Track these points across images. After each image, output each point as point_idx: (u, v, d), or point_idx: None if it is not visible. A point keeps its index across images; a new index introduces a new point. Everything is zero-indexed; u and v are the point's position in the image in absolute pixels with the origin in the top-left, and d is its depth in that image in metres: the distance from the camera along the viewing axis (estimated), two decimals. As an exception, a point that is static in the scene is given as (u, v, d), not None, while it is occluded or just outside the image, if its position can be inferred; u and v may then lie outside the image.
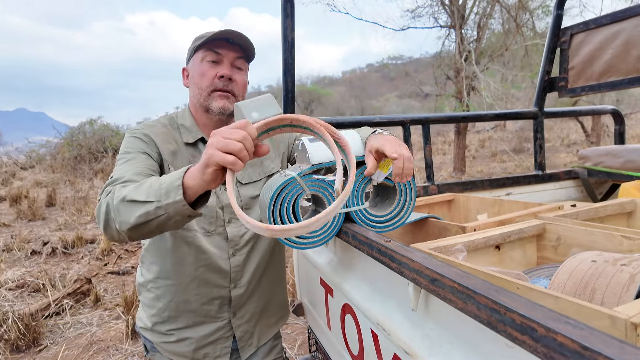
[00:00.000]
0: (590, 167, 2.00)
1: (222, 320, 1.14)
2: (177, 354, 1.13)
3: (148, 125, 1.10)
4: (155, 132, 1.07)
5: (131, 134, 1.07)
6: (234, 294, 1.13)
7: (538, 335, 0.44)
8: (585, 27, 1.78)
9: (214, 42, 1.06)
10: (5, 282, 3.73)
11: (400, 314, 0.80)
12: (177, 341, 1.13)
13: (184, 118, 1.14)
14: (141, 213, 0.76)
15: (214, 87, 1.07)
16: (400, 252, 0.72)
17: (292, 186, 0.93)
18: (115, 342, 2.78)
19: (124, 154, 1.01)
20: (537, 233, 1.16)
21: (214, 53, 1.07)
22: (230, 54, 1.08)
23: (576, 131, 17.72)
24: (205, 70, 1.07)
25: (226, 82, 1.07)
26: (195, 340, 1.13)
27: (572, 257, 0.87)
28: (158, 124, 1.10)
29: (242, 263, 1.13)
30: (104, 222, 0.82)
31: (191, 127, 1.12)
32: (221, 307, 1.13)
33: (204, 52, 1.08)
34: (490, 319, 0.51)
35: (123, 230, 0.79)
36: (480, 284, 0.55)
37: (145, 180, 0.83)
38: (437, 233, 1.20)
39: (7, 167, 13.03)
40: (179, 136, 1.11)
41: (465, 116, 1.90)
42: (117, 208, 0.79)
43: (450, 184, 1.79)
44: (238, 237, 1.12)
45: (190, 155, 1.10)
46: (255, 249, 1.16)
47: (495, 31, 10.19)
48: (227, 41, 1.07)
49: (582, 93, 1.82)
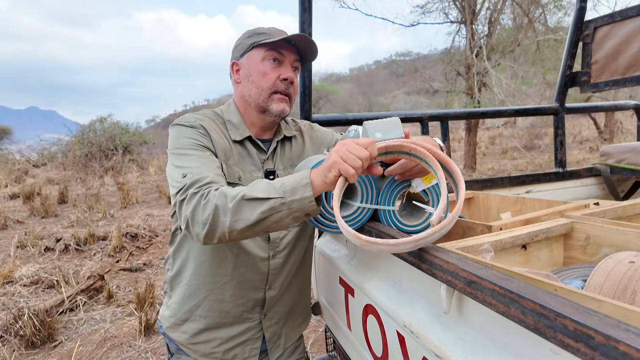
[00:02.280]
0: (613, 164, 1.94)
1: (253, 321, 1.12)
2: (206, 354, 1.11)
3: (200, 117, 1.05)
4: (209, 127, 1.03)
5: (188, 123, 1.01)
6: (268, 296, 1.11)
7: (595, 343, 0.41)
8: (610, 20, 1.73)
9: (276, 43, 1.03)
10: (20, 279, 3.78)
11: (430, 316, 0.77)
12: (206, 341, 1.10)
13: (231, 114, 1.10)
14: (265, 209, 0.79)
15: (276, 89, 1.04)
16: (431, 252, 0.70)
17: None
18: (129, 339, 2.79)
19: (189, 149, 0.95)
20: (565, 232, 1.12)
21: (277, 53, 1.04)
22: (291, 56, 1.05)
23: (588, 127, 17.45)
24: (267, 70, 1.03)
25: (288, 85, 1.05)
26: (225, 340, 1.10)
27: (607, 258, 0.84)
28: (207, 118, 1.06)
29: (280, 265, 1.11)
30: (210, 225, 0.81)
31: (239, 124, 1.08)
32: (254, 308, 1.11)
33: (266, 51, 1.03)
34: (538, 325, 0.48)
35: (238, 228, 0.81)
36: (525, 287, 0.52)
37: (255, 182, 0.85)
38: (462, 232, 1.17)
39: (19, 164, 13.23)
40: (226, 132, 1.08)
41: (485, 112, 1.86)
42: (236, 207, 0.80)
43: (470, 181, 1.76)
44: (279, 239, 1.10)
45: (237, 153, 1.06)
46: (293, 252, 1.14)
47: (506, 27, 10.04)
48: (288, 42, 1.04)
49: (606, 88, 1.77)
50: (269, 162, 1.10)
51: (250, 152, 1.08)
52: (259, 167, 1.08)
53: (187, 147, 0.96)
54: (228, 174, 1.01)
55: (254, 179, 1.03)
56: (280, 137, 1.13)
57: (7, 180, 10.44)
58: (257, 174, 1.07)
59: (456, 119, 1.79)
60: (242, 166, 1.05)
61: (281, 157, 1.13)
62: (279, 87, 1.04)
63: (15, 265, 4.08)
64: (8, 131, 21.88)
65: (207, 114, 1.08)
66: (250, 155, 1.07)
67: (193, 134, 0.99)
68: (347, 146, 0.79)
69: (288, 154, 1.15)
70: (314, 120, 1.55)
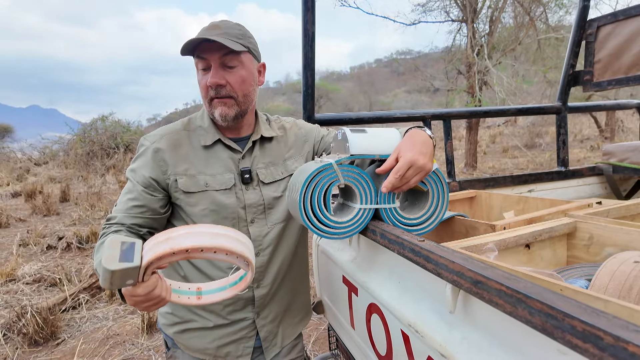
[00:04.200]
0: (615, 164, 1.94)
1: (246, 320, 1.13)
2: (199, 350, 1.13)
3: (161, 134, 1.07)
4: (168, 144, 1.05)
5: (142, 148, 1.06)
6: (257, 294, 1.12)
7: (604, 344, 0.41)
8: (613, 19, 1.72)
9: (198, 47, 0.98)
10: (23, 277, 3.79)
11: (435, 315, 0.78)
12: (199, 338, 1.12)
13: (202, 119, 1.11)
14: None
15: (210, 97, 1.03)
16: (437, 252, 0.70)
17: (327, 173, 0.91)
18: (131, 337, 2.80)
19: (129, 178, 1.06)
20: (568, 232, 1.12)
21: (201, 59, 1.00)
22: (214, 56, 0.99)
23: (589, 126, 17.42)
24: (200, 79, 1.03)
25: (217, 90, 1.01)
26: (218, 337, 1.12)
27: (611, 258, 0.84)
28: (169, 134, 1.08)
29: (266, 263, 1.12)
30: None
31: (208, 129, 1.09)
32: (245, 307, 1.12)
33: (195, 59, 1.02)
34: (545, 325, 0.48)
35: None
36: (532, 287, 0.52)
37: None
38: (465, 231, 1.17)
39: (21, 163, 13.25)
40: (195, 138, 1.09)
41: (488, 111, 1.85)
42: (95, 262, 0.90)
43: (472, 180, 1.76)
44: (261, 237, 1.10)
45: (205, 159, 1.07)
46: (279, 249, 1.14)
47: (507, 25, 10.01)
48: (208, 41, 0.97)
49: (609, 87, 1.77)
50: (246, 161, 1.10)
51: (220, 155, 1.08)
52: (231, 168, 1.08)
53: (130, 175, 1.06)
54: (193, 185, 1.04)
55: (225, 180, 1.06)
56: (257, 138, 1.12)
57: (9, 178, 10.45)
58: (227, 175, 1.07)
59: (459, 118, 1.79)
60: (211, 170, 1.06)
61: (262, 155, 1.13)
62: (211, 94, 1.02)
63: (18, 264, 4.09)
64: (10, 129, 21.91)
65: (175, 127, 1.10)
66: (221, 158, 1.08)
67: (138, 164, 1.05)
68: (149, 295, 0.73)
69: (269, 153, 1.15)
70: (316, 120, 1.55)
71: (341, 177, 0.92)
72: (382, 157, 0.96)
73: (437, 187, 0.97)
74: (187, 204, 1.04)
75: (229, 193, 1.06)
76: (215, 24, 1.00)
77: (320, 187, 0.91)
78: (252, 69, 1.06)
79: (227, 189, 1.06)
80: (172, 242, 0.64)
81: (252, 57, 1.06)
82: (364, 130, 0.98)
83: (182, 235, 0.65)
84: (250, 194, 1.09)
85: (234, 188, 1.07)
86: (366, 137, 0.95)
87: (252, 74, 1.06)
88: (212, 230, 0.68)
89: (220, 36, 0.96)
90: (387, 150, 0.95)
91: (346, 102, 32.86)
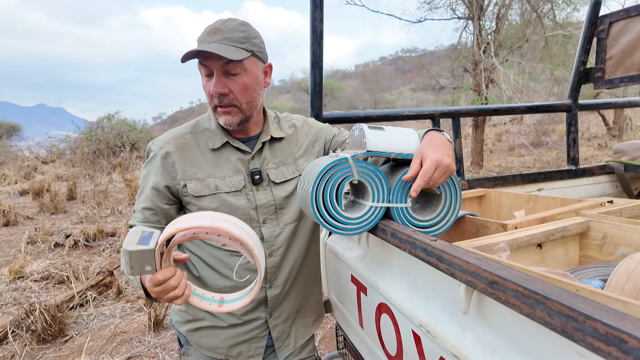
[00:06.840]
0: (627, 162, 1.91)
1: (259, 320, 1.13)
2: (211, 349, 1.13)
3: (169, 138, 1.07)
4: (177, 148, 1.05)
5: (152, 153, 1.06)
6: (270, 294, 1.12)
7: (629, 347, 0.40)
8: (625, 15, 1.69)
9: (199, 54, 0.94)
10: (31, 274, 3.83)
11: (447, 315, 0.77)
12: (211, 337, 1.12)
13: (210, 122, 1.10)
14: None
15: (214, 105, 1.01)
16: (450, 252, 0.69)
17: (342, 167, 0.90)
18: (138, 334, 2.81)
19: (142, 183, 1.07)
20: (581, 231, 1.11)
21: (204, 67, 0.98)
22: (216, 64, 0.95)
23: (597, 124, 17.23)
24: (204, 86, 1.01)
25: (221, 98, 0.99)
26: (230, 337, 1.12)
27: (627, 258, 0.82)
28: (177, 138, 1.07)
29: (278, 264, 1.11)
30: None
31: (216, 131, 1.08)
32: (258, 307, 1.12)
33: (198, 64, 0.99)
34: (565, 327, 0.47)
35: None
36: (551, 289, 0.51)
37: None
38: (475, 231, 1.15)
39: (29, 161, 13.37)
40: (203, 141, 1.08)
41: (497, 109, 1.83)
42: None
43: (481, 179, 1.74)
44: (273, 237, 1.10)
45: (214, 162, 1.07)
46: (291, 250, 1.13)
47: (514, 22, 9.92)
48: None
49: (621, 84, 1.74)
50: (255, 162, 1.09)
51: (229, 157, 1.07)
52: (240, 170, 1.07)
53: (142, 183, 1.07)
54: (202, 188, 1.04)
55: (235, 182, 1.06)
56: (267, 139, 1.12)
57: (16, 176, 10.56)
58: (237, 177, 1.06)
59: (467, 116, 1.77)
60: (220, 173, 1.06)
61: (272, 155, 1.12)
62: (215, 102, 1.01)
63: (26, 261, 4.13)
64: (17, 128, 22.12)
65: (183, 130, 1.10)
66: (230, 160, 1.07)
67: (148, 170, 1.06)
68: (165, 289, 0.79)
69: (279, 153, 1.14)
70: (324, 119, 1.54)
71: (356, 173, 0.91)
72: (398, 157, 0.94)
73: (450, 190, 0.96)
74: (198, 207, 1.04)
75: (239, 195, 1.06)
76: (217, 28, 0.96)
77: (333, 181, 0.90)
78: (257, 73, 1.03)
79: (237, 190, 1.06)
80: (179, 224, 0.74)
81: (257, 60, 1.02)
82: (382, 127, 0.97)
83: (187, 218, 0.75)
84: (261, 195, 1.08)
85: (244, 189, 1.07)
86: (384, 135, 0.94)
87: (257, 78, 1.03)
88: (213, 215, 0.76)
89: (221, 42, 0.94)
90: (405, 149, 0.94)
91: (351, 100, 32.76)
